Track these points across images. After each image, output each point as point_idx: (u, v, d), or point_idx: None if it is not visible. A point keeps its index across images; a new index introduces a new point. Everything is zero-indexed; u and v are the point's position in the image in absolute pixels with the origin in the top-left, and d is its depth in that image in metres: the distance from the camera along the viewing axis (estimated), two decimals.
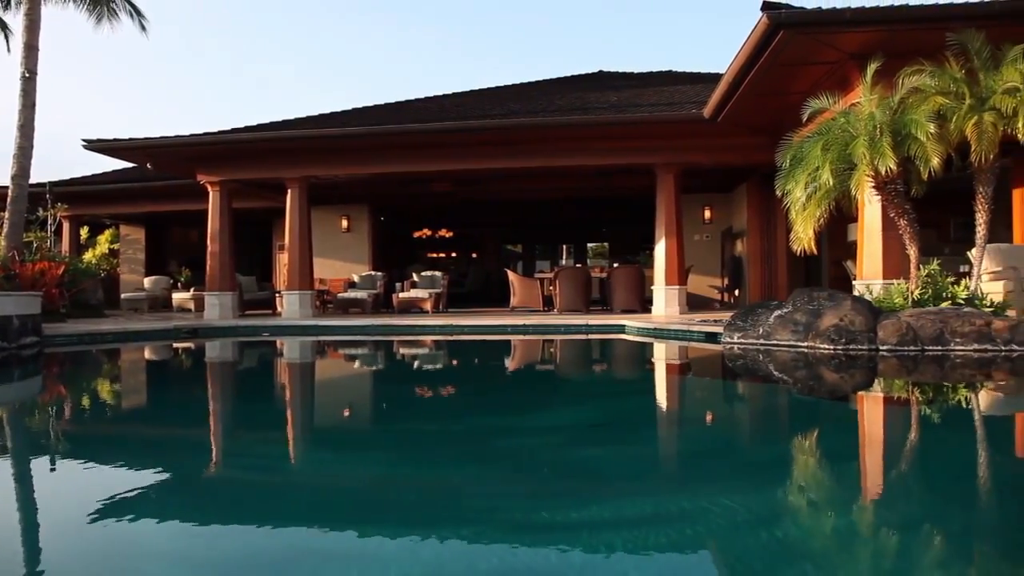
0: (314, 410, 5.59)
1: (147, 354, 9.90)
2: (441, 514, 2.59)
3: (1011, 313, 8.28)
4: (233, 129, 13.94)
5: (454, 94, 17.47)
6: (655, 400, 5.70)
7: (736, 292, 16.53)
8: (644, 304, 14.07)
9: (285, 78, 79.22)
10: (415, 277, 16.27)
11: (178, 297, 17.55)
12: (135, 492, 2.96)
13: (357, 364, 9.05)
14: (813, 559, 2.21)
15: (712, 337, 8.61)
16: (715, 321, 9.47)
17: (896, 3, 8.00)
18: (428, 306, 14.85)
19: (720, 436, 4.22)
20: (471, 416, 4.84)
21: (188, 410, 5.31)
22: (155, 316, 15.73)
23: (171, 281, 19.02)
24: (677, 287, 13.04)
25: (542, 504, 2.71)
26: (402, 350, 10.18)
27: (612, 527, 2.43)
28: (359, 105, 16.32)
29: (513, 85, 18.15)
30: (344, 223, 18.38)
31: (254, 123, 14.60)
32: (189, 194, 15.82)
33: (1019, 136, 7.30)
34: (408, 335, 11.75)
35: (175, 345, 10.84)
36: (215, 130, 13.64)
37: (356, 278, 16.28)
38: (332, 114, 15.36)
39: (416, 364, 8.92)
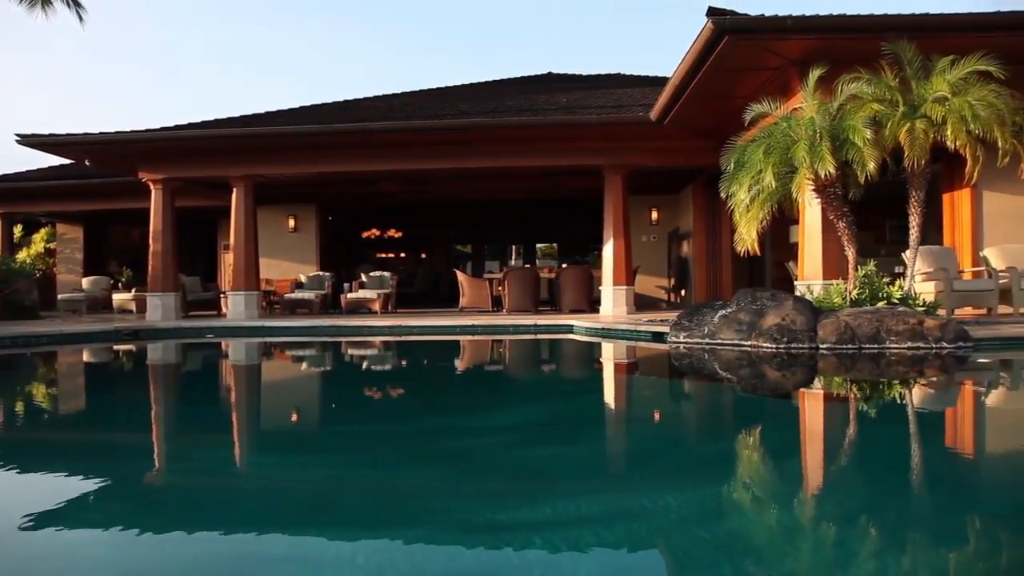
0: (260, 413, 5.51)
1: (86, 357, 9.61)
2: (390, 516, 2.59)
3: (941, 312, 8.62)
4: (176, 126, 13.64)
5: (403, 93, 17.40)
6: (603, 399, 5.77)
7: (682, 292, 16.81)
8: (592, 304, 14.21)
9: (229, 77, 77.75)
10: (363, 277, 16.14)
11: (119, 298, 17.08)
12: (69, 500, 2.88)
13: (304, 365, 8.95)
14: (757, 552, 2.28)
15: (659, 337, 8.75)
16: (662, 321, 9.62)
17: (835, 12, 8.24)
18: (377, 307, 14.75)
19: (666, 434, 4.30)
20: (420, 417, 4.83)
21: (129, 415, 5.19)
22: (94, 318, 15.29)
23: (111, 281, 18.50)
24: (625, 287, 13.20)
25: (492, 504, 2.73)
26: (350, 351, 10.10)
27: (562, 526, 2.46)
28: (305, 104, 16.11)
29: (462, 85, 18.17)
30: (291, 223, 18.14)
31: (198, 120, 14.31)
32: (130, 192, 15.41)
33: (948, 143, 7.60)
34: (356, 336, 11.66)
35: (115, 347, 10.55)
36: (157, 127, 13.33)
37: (303, 278, 16.08)
38: (278, 112, 15.14)
39: (364, 365, 8.86)
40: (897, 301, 7.85)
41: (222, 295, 15.52)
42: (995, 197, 11.77)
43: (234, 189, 13.79)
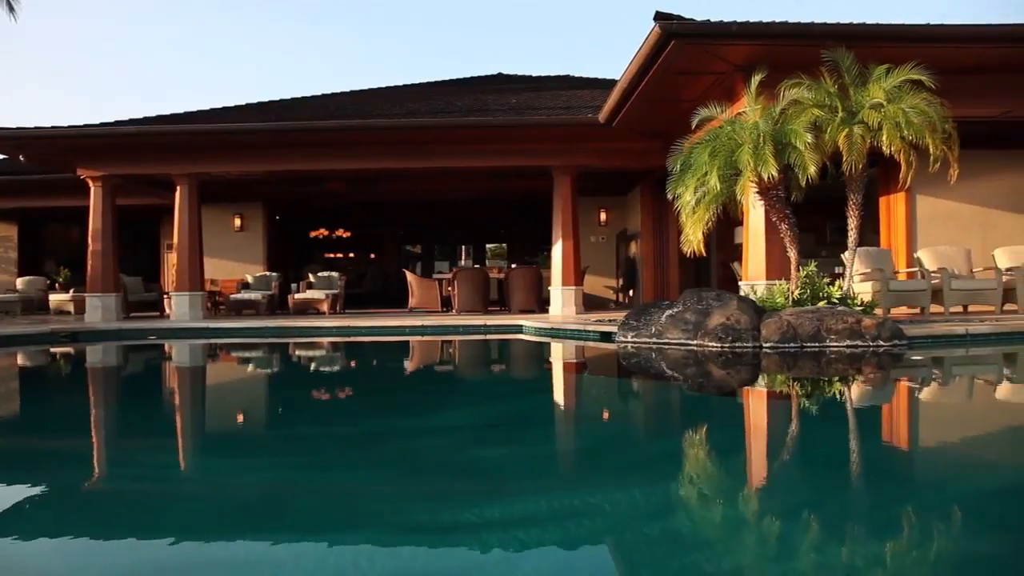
0: (204, 416, 5.41)
1: (20, 360, 9.30)
2: (338, 518, 2.58)
3: (878, 311, 8.91)
4: (116, 122, 13.29)
5: (351, 92, 17.24)
6: (552, 399, 5.82)
7: (631, 292, 17.01)
8: (542, 304, 14.29)
9: (174, 72, 75.91)
10: (311, 278, 15.94)
11: (56, 299, 16.55)
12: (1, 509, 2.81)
13: (251, 368, 8.81)
14: (704, 547, 2.33)
15: (607, 336, 8.85)
16: (610, 321, 9.73)
17: (778, 20, 8.44)
18: (325, 307, 14.59)
19: (614, 433, 4.35)
20: (368, 419, 4.81)
21: (66, 420, 5.04)
22: (29, 319, 14.79)
23: (48, 282, 17.90)
24: (574, 287, 13.31)
25: (440, 505, 2.74)
26: (298, 352, 9.97)
27: (511, 526, 2.48)
28: (252, 101, 15.84)
29: (412, 85, 18.08)
30: (237, 222, 17.82)
31: (139, 116, 13.95)
32: (68, 189, 14.93)
33: (884, 148, 7.86)
34: (304, 337, 11.52)
35: (52, 350, 10.23)
36: (97, 122, 12.96)
37: (250, 279, 15.81)
38: (223, 109, 14.85)
39: (312, 367, 8.77)
40: (837, 301, 8.08)
41: (165, 296, 15.17)
42: (927, 201, 12.22)
43: (178, 187, 13.49)
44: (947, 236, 12.04)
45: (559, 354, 9.00)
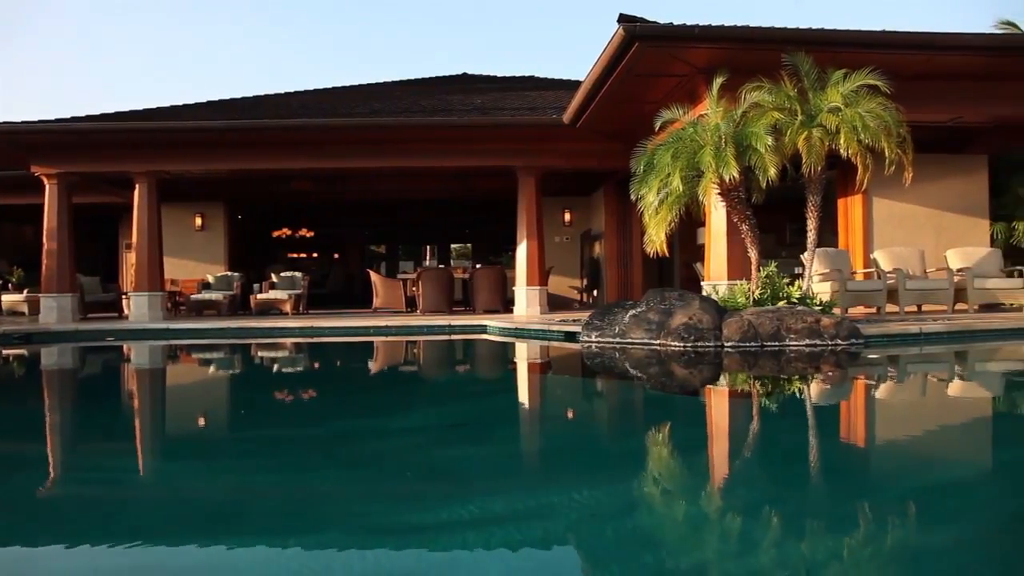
0: (164, 419, 5.33)
1: None
2: (301, 521, 2.55)
3: (836, 311, 9.07)
4: (73, 118, 12.98)
5: (316, 91, 17.08)
6: (516, 399, 5.83)
7: (595, 292, 17.12)
8: (506, 304, 14.32)
9: (132, 70, 74.52)
10: (274, 278, 15.76)
11: (9, 299, 16.11)
12: None
13: (212, 369, 8.69)
14: (666, 545, 2.36)
15: (571, 336, 8.89)
16: (574, 321, 9.78)
17: (739, 24, 8.56)
18: (288, 308, 14.44)
19: (578, 433, 4.38)
20: (332, 420, 4.78)
21: (19, 424, 4.93)
22: None
23: (0, 282, 17.44)
24: (538, 288, 13.36)
25: (405, 506, 2.73)
26: (260, 353, 9.86)
27: (475, 526, 2.48)
28: (214, 99, 15.61)
29: (377, 84, 17.98)
30: (198, 221, 17.54)
31: (97, 113, 13.66)
32: (22, 186, 14.59)
33: (841, 151, 8.02)
34: (267, 338, 11.39)
35: (4, 352, 9.98)
36: (52, 118, 12.67)
37: (211, 279, 15.58)
38: (184, 106, 14.62)
39: (275, 368, 8.68)
40: (796, 300, 8.23)
41: (124, 296, 14.87)
42: (883, 203, 12.50)
43: (137, 185, 13.23)
44: (902, 237, 12.33)
45: (523, 354, 9.03)
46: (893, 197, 12.30)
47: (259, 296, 14.70)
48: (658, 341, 7.47)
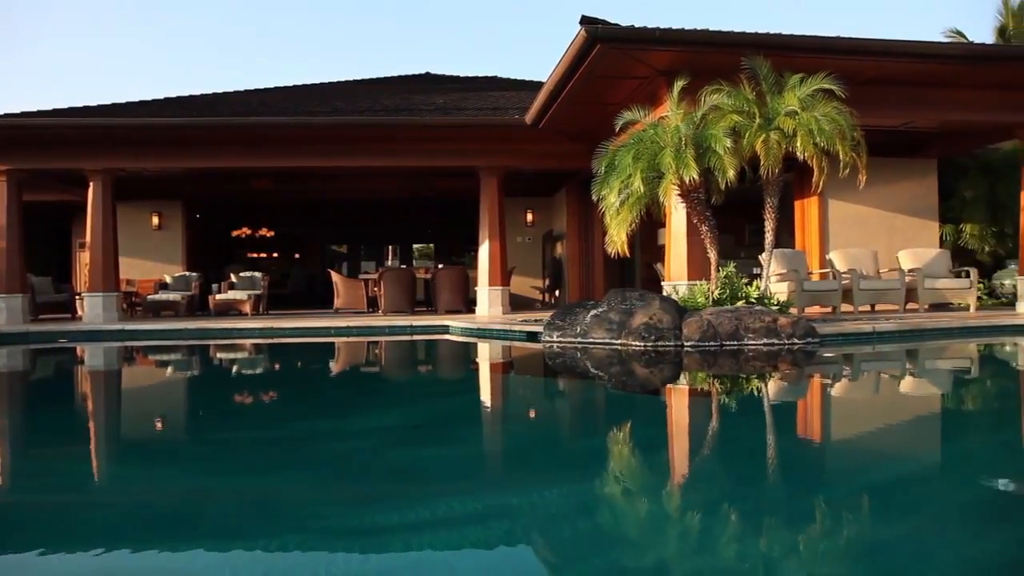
0: (120, 422, 5.22)
1: None
2: (261, 524, 2.53)
3: (793, 311, 9.25)
4: (23, 113, 12.64)
5: (276, 88, 16.88)
6: (478, 399, 5.84)
7: (557, 292, 17.20)
8: (468, 304, 14.31)
9: (87, 65, 72.87)
10: (233, 278, 15.53)
11: None
12: None
13: (169, 371, 8.54)
14: (628, 543, 2.39)
15: (533, 336, 8.93)
16: (536, 321, 9.82)
17: (700, 27, 8.68)
18: (247, 308, 14.25)
19: (539, 432, 4.41)
20: (292, 422, 4.73)
21: None
22: None
23: None
24: (500, 288, 13.38)
25: (366, 508, 2.72)
26: (219, 355, 9.71)
27: (436, 527, 2.48)
28: (171, 95, 15.33)
29: (338, 82, 17.83)
30: (155, 220, 17.21)
31: (49, 108, 13.33)
32: None
33: (798, 153, 8.18)
34: (225, 339, 11.23)
35: None
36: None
37: (168, 279, 15.31)
38: (140, 102, 14.33)
39: (234, 369, 8.56)
40: (754, 300, 8.37)
41: (77, 297, 14.54)
42: (839, 205, 12.78)
43: (91, 183, 12.95)
44: (856, 238, 12.62)
45: (485, 354, 9.04)
46: (848, 199, 12.58)
47: (218, 296, 14.49)
48: (619, 341, 7.54)
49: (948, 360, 7.89)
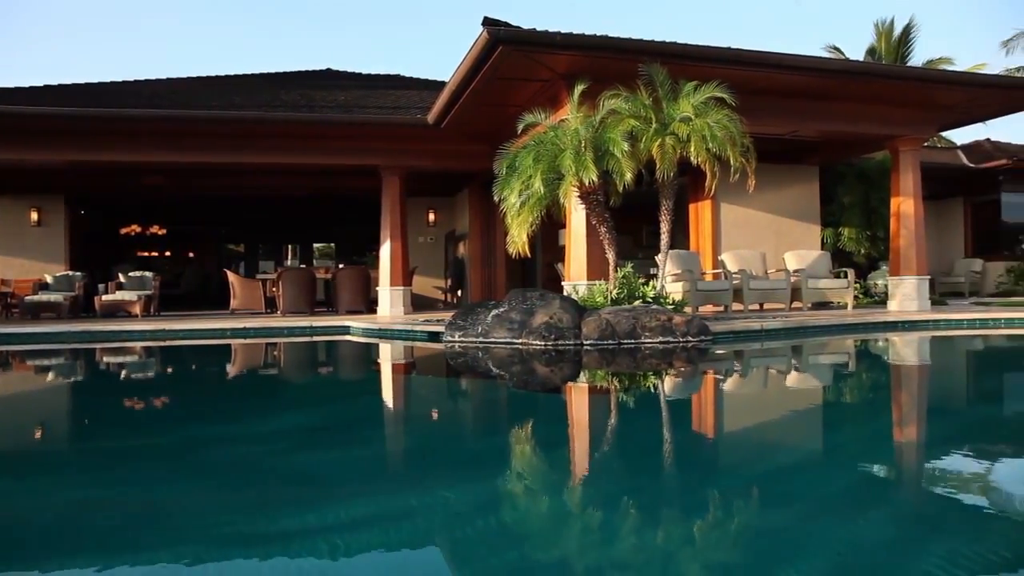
0: None
1: None
2: (151, 536, 2.43)
3: (688, 310, 9.59)
4: None
5: (169, 80, 16.18)
6: (379, 400, 5.80)
7: (459, 292, 17.21)
8: (370, 305, 14.15)
9: None
10: (121, 278, 14.80)
11: None
12: None
13: (48, 376, 8.07)
14: (531, 540, 2.43)
15: (435, 336, 8.92)
16: (438, 321, 9.81)
17: (599, 33, 8.88)
18: (137, 309, 13.62)
19: (440, 432, 4.42)
20: (184, 427, 4.55)
21: None
22: None
23: None
24: (402, 288, 13.30)
25: (264, 514, 2.65)
26: (105, 359, 9.24)
27: (338, 531, 2.45)
28: (51, 83, 14.45)
29: (235, 76, 17.26)
30: (34, 216, 16.16)
31: None
32: None
33: (692, 158, 8.49)
34: (113, 341, 10.69)
35: None
36: None
37: (49, 279, 14.42)
38: (16, 89, 13.45)
39: (122, 374, 8.17)
40: (651, 300, 8.63)
41: None
42: (730, 208, 13.33)
43: None
44: (746, 240, 13.20)
45: (387, 355, 8.97)
46: (738, 203, 13.15)
47: (104, 297, 13.78)
48: (520, 340, 7.63)
49: (828, 355, 8.38)
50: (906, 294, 12.05)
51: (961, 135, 25.24)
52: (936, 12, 60.93)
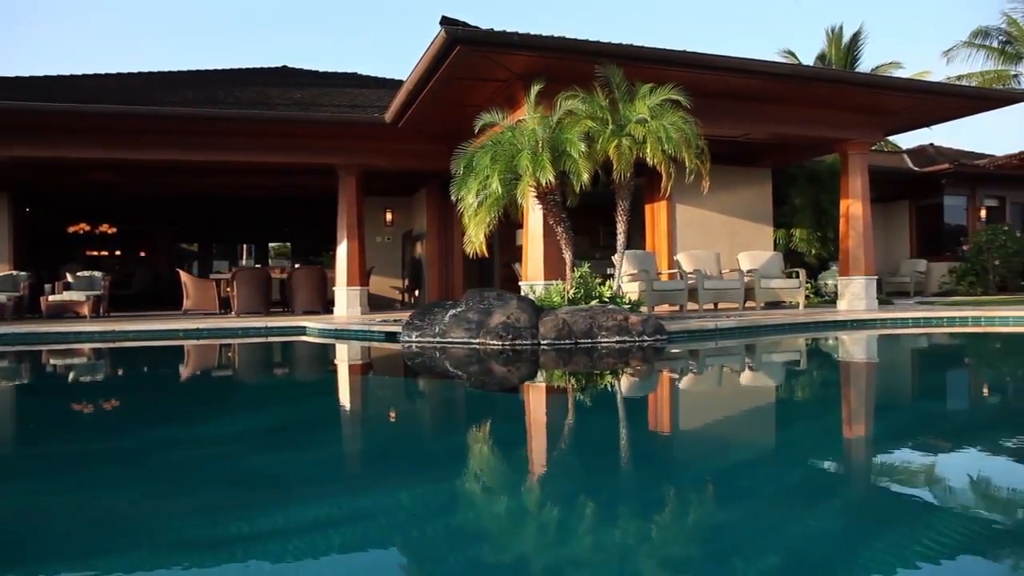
0: None
1: None
2: (104, 541, 2.38)
3: (644, 309, 9.70)
4: None
5: (119, 74, 15.81)
6: (335, 401, 5.76)
7: (416, 292, 17.16)
8: (327, 305, 14.02)
9: None
10: (69, 277, 14.41)
11: None
12: None
13: None
14: (489, 540, 2.45)
15: (392, 336, 8.88)
16: (395, 321, 9.77)
17: (556, 35, 8.92)
18: (86, 310, 13.29)
19: (398, 433, 4.41)
20: (138, 431, 4.46)
21: None
22: None
23: None
24: (359, 288, 13.21)
25: (219, 517, 2.63)
26: (52, 361, 9.00)
27: (295, 534, 2.44)
28: None
29: (189, 72, 16.93)
30: None
31: None
32: None
33: (648, 159, 8.59)
34: (60, 343, 10.40)
35: None
36: None
37: None
38: None
39: (69, 376, 7.97)
40: (607, 300, 8.71)
41: None
42: (685, 209, 13.50)
43: None
44: (701, 241, 13.39)
45: (343, 355, 8.90)
46: (693, 204, 13.32)
47: (51, 298, 13.42)
48: (478, 340, 7.64)
49: (780, 354, 8.56)
50: (855, 294, 12.35)
51: (907, 140, 26.00)
52: (885, 19, 62.56)
